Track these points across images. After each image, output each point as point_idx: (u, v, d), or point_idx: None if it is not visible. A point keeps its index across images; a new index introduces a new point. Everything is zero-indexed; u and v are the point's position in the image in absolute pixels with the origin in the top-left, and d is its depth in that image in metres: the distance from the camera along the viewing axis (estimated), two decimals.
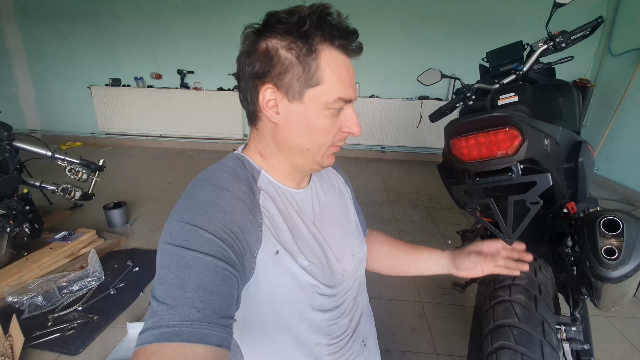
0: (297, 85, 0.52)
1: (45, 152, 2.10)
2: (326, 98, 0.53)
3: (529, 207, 0.77)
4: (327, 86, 0.53)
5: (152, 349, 0.37)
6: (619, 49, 3.89)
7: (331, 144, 0.58)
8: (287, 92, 0.53)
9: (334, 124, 0.56)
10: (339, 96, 0.53)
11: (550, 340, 0.74)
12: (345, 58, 0.55)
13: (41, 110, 5.41)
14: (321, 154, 0.58)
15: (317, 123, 0.55)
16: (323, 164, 0.60)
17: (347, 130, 0.58)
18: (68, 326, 1.56)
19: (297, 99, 0.53)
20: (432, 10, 4.43)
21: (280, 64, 0.52)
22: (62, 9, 4.84)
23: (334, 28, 0.52)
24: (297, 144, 0.56)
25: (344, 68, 0.54)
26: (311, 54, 0.51)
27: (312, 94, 0.53)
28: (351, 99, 0.55)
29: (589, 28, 1.24)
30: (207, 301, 0.41)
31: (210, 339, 0.39)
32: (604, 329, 1.69)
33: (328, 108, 0.54)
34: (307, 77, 0.52)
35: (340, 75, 0.53)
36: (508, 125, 0.74)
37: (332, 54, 0.53)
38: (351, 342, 0.67)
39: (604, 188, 3.87)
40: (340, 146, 0.60)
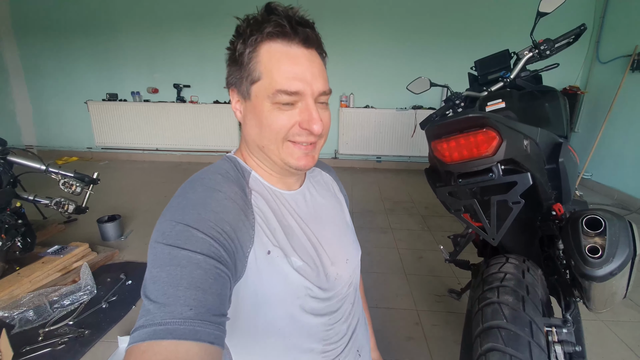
0: (244, 84, 0.55)
1: (39, 165, 2.11)
2: (267, 92, 0.52)
3: (512, 207, 0.77)
4: (266, 80, 0.52)
5: (145, 347, 0.37)
6: (607, 57, 3.97)
7: (284, 139, 0.55)
8: (241, 93, 0.56)
9: (288, 118, 0.53)
10: (277, 89, 0.51)
11: (538, 341, 0.74)
12: (290, 49, 0.52)
13: (38, 125, 5.43)
14: (278, 151, 0.56)
15: (264, 117, 0.54)
16: (289, 163, 0.57)
17: (304, 126, 0.54)
18: (59, 341, 1.54)
19: (247, 98, 0.55)
20: (424, 22, 4.53)
21: (233, 66, 0.56)
22: (59, 25, 4.93)
23: (269, 21, 0.51)
24: (253, 140, 0.58)
25: (285, 60, 0.52)
26: (247, 49, 0.52)
27: (256, 90, 0.54)
28: (297, 91, 0.52)
29: (573, 35, 1.27)
30: (199, 299, 0.41)
31: (203, 336, 0.39)
32: (600, 333, 1.68)
33: (272, 102, 0.53)
34: (249, 74, 0.53)
35: (280, 67, 0.51)
36: (485, 126, 0.76)
37: (271, 47, 0.52)
38: (347, 351, 0.65)
39: (598, 193, 3.89)
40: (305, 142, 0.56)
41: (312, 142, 0.57)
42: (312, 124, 0.53)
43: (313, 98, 0.54)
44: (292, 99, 0.52)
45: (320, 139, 0.58)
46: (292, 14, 0.52)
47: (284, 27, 0.51)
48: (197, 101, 5.05)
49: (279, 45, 0.52)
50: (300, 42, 0.52)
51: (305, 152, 0.57)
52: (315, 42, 0.55)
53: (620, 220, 0.77)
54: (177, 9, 4.74)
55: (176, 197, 0.52)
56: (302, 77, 0.52)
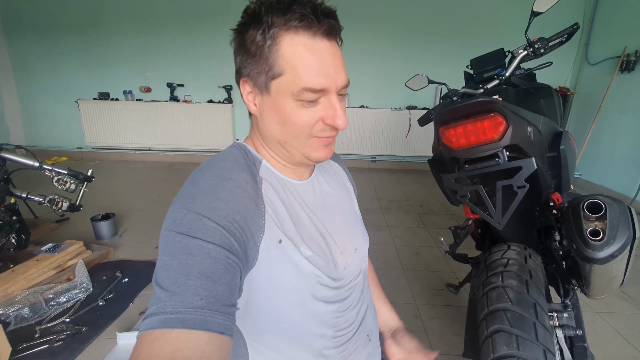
0: (262, 78, 0.51)
1: (33, 162, 2.07)
2: (290, 89, 0.49)
3: (517, 191, 0.79)
4: (290, 77, 0.49)
5: (156, 334, 0.38)
6: (596, 58, 4.08)
7: (309, 135, 0.53)
8: (256, 85, 0.52)
9: (312, 115, 0.51)
10: (302, 87, 0.48)
11: (543, 322, 0.76)
12: (314, 42, 0.48)
13: (26, 125, 5.33)
14: (302, 146, 0.55)
15: (287, 115, 0.51)
16: (311, 157, 0.56)
17: (329, 122, 0.52)
18: (56, 338, 1.51)
19: (265, 92, 0.52)
20: (419, 22, 4.59)
21: (249, 56, 0.51)
22: (49, 23, 4.85)
23: (294, 10, 0.46)
24: (273, 135, 0.55)
25: (309, 55, 0.48)
26: (267, 42, 0.48)
27: (276, 85, 0.50)
28: (323, 88, 0.49)
29: (566, 34, 1.31)
30: (210, 289, 0.41)
31: (213, 326, 0.39)
32: (595, 325, 1.72)
33: (297, 99, 0.50)
34: (268, 69, 0.49)
35: (304, 63, 0.48)
36: (493, 111, 0.78)
37: (295, 40, 0.48)
38: (357, 336, 0.66)
39: (588, 192, 3.97)
40: (328, 137, 0.55)
41: (334, 135, 0.56)
42: (337, 120, 0.52)
43: (337, 93, 0.52)
44: (318, 96, 0.50)
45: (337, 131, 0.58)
46: (318, 4, 0.48)
47: (310, 19, 0.47)
48: (191, 100, 5.02)
49: (301, 37, 0.48)
50: (324, 33, 0.49)
51: (326, 144, 0.56)
52: (338, 33, 0.52)
53: (620, 205, 0.80)
54: (170, 6, 4.71)
55: (187, 185, 0.51)
56: (327, 73, 0.49)
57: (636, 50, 3.48)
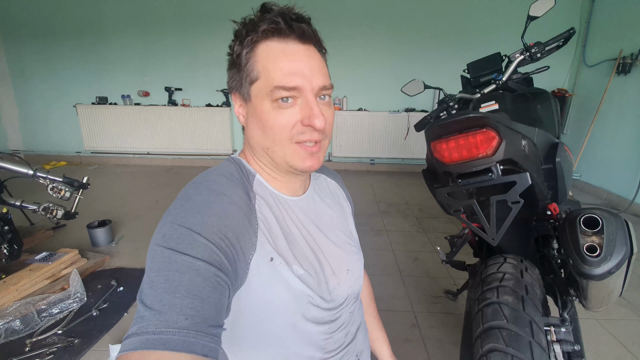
0: (244, 86, 0.55)
1: (27, 170, 2.05)
2: (265, 90, 0.52)
3: (511, 206, 0.77)
4: (264, 78, 0.52)
5: (136, 356, 0.36)
6: (593, 60, 4.06)
7: (289, 139, 0.53)
8: (241, 95, 0.56)
9: (289, 116, 0.52)
10: (275, 85, 0.50)
11: (539, 341, 0.74)
12: (287, 46, 0.52)
13: (24, 130, 5.32)
14: (284, 153, 0.55)
15: (265, 118, 0.53)
16: (294, 165, 0.55)
17: (306, 122, 0.52)
18: (47, 351, 1.49)
19: (248, 99, 0.55)
20: (416, 26, 4.58)
21: (233, 69, 0.56)
22: (47, 28, 4.84)
23: (263, 19, 0.51)
24: (257, 142, 0.57)
25: (282, 56, 0.51)
26: (244, 50, 0.53)
27: (255, 90, 0.53)
28: (295, 86, 0.51)
29: (562, 39, 1.29)
30: (196, 308, 0.39)
31: (197, 348, 0.38)
32: (594, 332, 1.69)
33: (272, 100, 0.52)
34: (247, 75, 0.53)
35: (277, 65, 0.51)
36: (485, 126, 0.76)
37: (268, 46, 0.52)
38: (346, 357, 0.65)
39: (587, 193, 3.96)
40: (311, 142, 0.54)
41: (316, 140, 0.55)
42: (313, 119, 0.52)
43: (313, 93, 0.53)
44: (291, 94, 0.51)
45: (325, 138, 0.57)
46: (287, 11, 0.52)
47: (279, 23, 0.50)
48: (189, 104, 5.00)
49: (275, 43, 0.52)
50: (297, 38, 0.52)
51: (310, 152, 0.55)
52: (312, 37, 0.54)
53: (617, 219, 0.78)
54: (167, 11, 4.70)
55: (179, 199, 0.50)
56: (301, 73, 0.51)
57: (632, 53, 3.48)
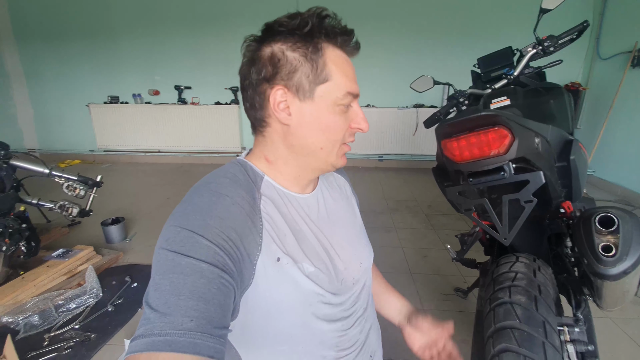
0: (307, 83, 0.53)
1: (43, 169, 2.10)
2: (335, 94, 0.54)
3: (524, 206, 0.77)
4: (335, 82, 0.54)
5: (143, 358, 0.37)
6: (608, 53, 3.96)
7: (342, 140, 0.58)
8: (298, 92, 0.53)
9: (345, 120, 0.57)
10: (347, 90, 0.54)
11: (552, 341, 0.73)
12: (346, 56, 0.57)
13: (39, 129, 5.44)
14: (334, 153, 0.58)
15: (329, 120, 0.55)
16: (336, 164, 0.60)
17: (355, 126, 0.58)
18: (64, 345, 1.53)
19: (308, 98, 0.54)
20: (425, 20, 4.51)
21: (289, 64, 0.52)
22: (59, 29, 4.93)
23: (334, 27, 0.54)
24: (311, 143, 0.56)
25: (347, 65, 0.56)
26: (317, 52, 0.53)
27: (322, 90, 0.54)
28: (357, 93, 0.57)
29: (576, 32, 1.26)
30: (201, 310, 0.40)
31: (203, 349, 0.38)
32: (608, 331, 1.67)
33: (338, 104, 0.55)
34: (316, 75, 0.53)
35: (345, 71, 0.55)
36: (497, 124, 0.75)
37: (335, 52, 0.55)
38: (360, 357, 0.64)
39: (602, 189, 3.88)
40: (350, 143, 0.61)
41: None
42: (363, 123, 0.58)
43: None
44: (353, 100, 0.57)
45: None
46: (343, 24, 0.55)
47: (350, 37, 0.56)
48: (198, 102, 5.04)
49: (340, 50, 0.56)
50: (353, 48, 0.58)
51: (347, 152, 0.61)
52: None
53: (633, 218, 0.76)
54: (177, 10, 4.73)
55: (182, 203, 0.51)
56: (357, 81, 0.57)
57: None
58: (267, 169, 0.59)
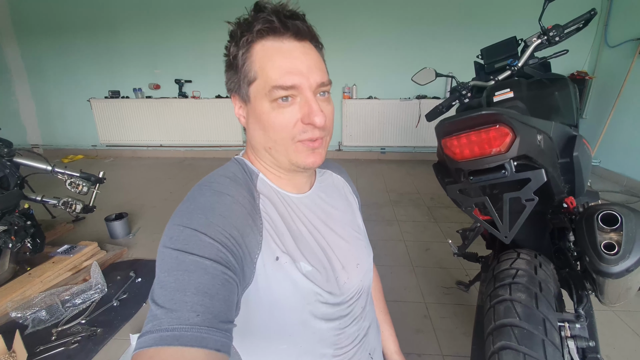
0: (243, 88, 0.55)
1: (46, 166, 2.11)
2: (264, 90, 0.52)
3: (525, 204, 0.76)
4: (262, 78, 0.52)
5: (151, 352, 0.37)
6: (616, 40, 3.87)
7: (291, 138, 0.53)
8: (241, 97, 0.56)
9: (289, 116, 0.52)
10: (272, 85, 0.50)
11: (552, 339, 0.73)
12: (282, 44, 0.51)
13: (42, 125, 5.46)
14: (289, 152, 0.55)
15: (266, 119, 0.53)
16: (297, 163, 0.55)
17: (306, 121, 0.52)
18: (71, 340, 1.56)
19: (247, 101, 0.55)
20: (426, 10, 4.43)
21: (230, 71, 0.56)
22: (59, 24, 4.90)
23: (257, 19, 0.50)
24: (259, 143, 0.57)
25: (278, 55, 0.51)
26: (240, 51, 0.52)
27: (253, 90, 0.53)
28: (293, 85, 0.50)
29: (583, 20, 1.23)
30: (206, 305, 0.41)
31: (210, 343, 0.39)
32: (611, 324, 1.67)
33: (271, 100, 0.51)
34: (245, 76, 0.53)
35: (273, 63, 0.51)
36: (498, 122, 0.74)
37: (264, 46, 0.51)
38: (358, 355, 0.65)
39: (607, 180, 3.84)
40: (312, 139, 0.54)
41: (317, 137, 0.54)
42: (312, 117, 0.51)
43: (312, 91, 0.52)
44: (289, 93, 0.51)
45: (326, 135, 0.57)
46: (281, 8, 0.51)
47: (273, 22, 0.50)
48: (199, 96, 5.02)
49: (270, 42, 0.51)
50: (292, 35, 0.52)
51: (312, 149, 0.55)
52: (307, 34, 0.53)
53: (637, 215, 0.75)
54: (176, 3, 4.68)
55: (185, 202, 0.51)
56: (298, 71, 0.51)
57: None
58: (259, 166, 0.61)
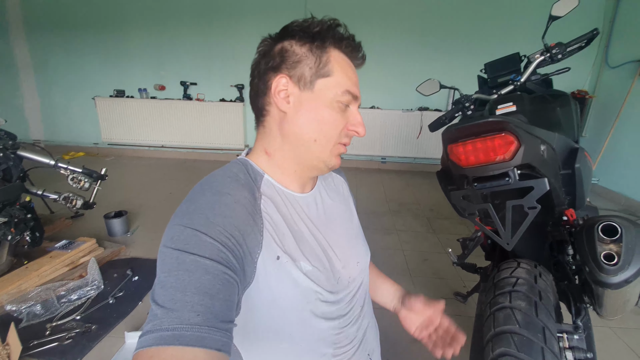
0: (308, 75, 0.56)
1: (49, 160, 2.12)
2: (335, 90, 0.56)
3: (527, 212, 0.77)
4: (336, 79, 0.56)
5: (152, 352, 0.38)
6: (617, 61, 3.94)
7: (338, 139, 0.59)
8: (299, 81, 0.56)
9: (342, 119, 0.58)
10: (346, 89, 0.57)
11: (551, 347, 0.73)
12: (352, 63, 0.60)
13: (45, 120, 5.48)
14: (328, 150, 0.59)
15: (326, 113, 0.57)
16: (329, 163, 0.60)
17: (352, 128, 0.60)
18: (66, 335, 1.55)
19: (308, 88, 0.56)
20: (431, 22, 4.51)
21: (295, 55, 0.56)
22: (68, 21, 4.96)
23: (342, 36, 0.58)
24: (305, 133, 0.57)
25: (350, 69, 0.59)
26: (323, 48, 0.56)
27: (323, 84, 0.56)
28: (357, 95, 0.59)
29: (585, 40, 1.26)
30: (207, 305, 0.41)
31: (210, 343, 0.39)
32: (608, 341, 1.66)
33: (336, 100, 0.57)
34: (319, 67, 0.56)
35: (347, 72, 0.58)
36: (504, 130, 0.76)
37: (340, 55, 0.58)
38: (358, 355, 0.65)
39: (606, 199, 3.86)
40: (346, 145, 0.61)
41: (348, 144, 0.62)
42: (359, 127, 0.60)
43: (358, 106, 0.61)
44: (351, 101, 0.58)
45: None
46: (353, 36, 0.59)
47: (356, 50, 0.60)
48: (203, 99, 5.06)
49: (346, 57, 0.59)
50: (359, 63, 0.62)
51: (342, 153, 0.62)
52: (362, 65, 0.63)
53: (637, 227, 0.77)
54: (185, 6, 4.75)
55: (185, 202, 0.52)
56: (358, 87, 0.60)
57: None
58: (267, 165, 0.61)
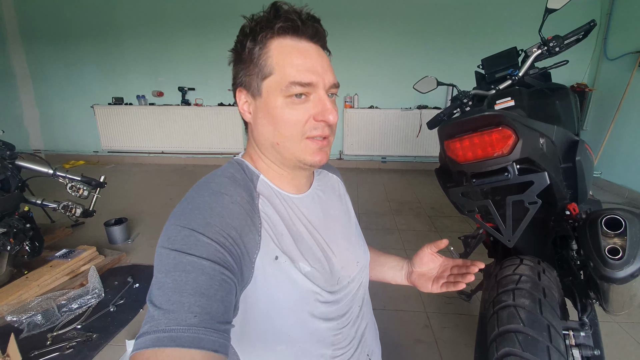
0: (255, 81, 0.54)
1: (47, 170, 2.12)
2: (279, 86, 0.52)
3: (528, 207, 0.75)
4: (279, 74, 0.52)
5: (148, 354, 0.37)
6: (615, 53, 3.92)
7: (302, 134, 0.54)
8: (251, 91, 0.56)
9: (302, 112, 0.53)
10: (290, 81, 0.51)
11: (557, 345, 0.71)
12: (300, 43, 0.53)
13: (45, 130, 5.50)
14: (297, 148, 0.55)
15: (278, 113, 0.53)
16: (305, 160, 0.56)
17: (319, 118, 0.54)
18: (67, 345, 1.53)
19: (258, 95, 0.55)
20: (428, 20, 4.51)
21: (240, 65, 0.56)
22: (65, 31, 4.98)
23: (279, 18, 0.52)
24: (266, 139, 0.56)
25: (297, 53, 0.53)
26: (257, 46, 0.53)
27: (267, 85, 0.53)
28: (310, 82, 0.52)
29: (582, 32, 1.24)
30: (204, 306, 0.40)
31: (207, 344, 0.39)
32: (615, 336, 1.64)
33: (286, 96, 0.52)
34: (260, 70, 0.53)
35: (292, 60, 0.52)
36: (501, 124, 0.74)
37: (281, 43, 0.53)
38: (357, 355, 0.65)
39: (609, 192, 3.83)
40: (322, 137, 0.55)
41: (326, 135, 0.56)
42: (327, 114, 0.54)
43: (325, 90, 0.54)
44: (306, 90, 0.52)
45: (332, 134, 0.58)
46: (300, 10, 0.54)
47: (295, 21, 0.52)
48: (201, 104, 5.06)
49: (288, 40, 0.53)
50: (309, 36, 0.54)
51: (320, 147, 0.56)
52: (322, 37, 0.56)
53: None
54: (180, 12, 4.77)
55: (183, 202, 0.51)
56: (314, 70, 0.53)
57: None
58: (261, 167, 0.61)
